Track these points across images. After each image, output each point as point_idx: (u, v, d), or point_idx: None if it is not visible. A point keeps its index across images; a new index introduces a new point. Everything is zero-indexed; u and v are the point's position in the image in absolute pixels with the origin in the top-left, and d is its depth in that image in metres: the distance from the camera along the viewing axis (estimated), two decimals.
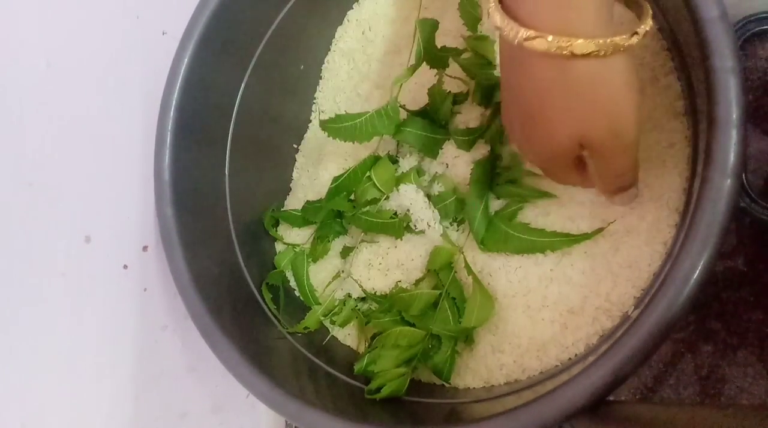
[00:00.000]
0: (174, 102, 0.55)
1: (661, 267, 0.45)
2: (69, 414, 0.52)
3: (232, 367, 0.50)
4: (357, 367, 0.55)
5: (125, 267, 0.57)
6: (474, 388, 0.52)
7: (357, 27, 0.69)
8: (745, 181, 0.57)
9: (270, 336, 0.57)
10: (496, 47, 0.58)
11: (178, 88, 0.55)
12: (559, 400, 0.38)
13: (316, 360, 0.56)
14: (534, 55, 0.38)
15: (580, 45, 0.36)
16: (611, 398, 0.38)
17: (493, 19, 0.39)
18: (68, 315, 0.52)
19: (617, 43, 0.36)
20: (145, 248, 0.59)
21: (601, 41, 0.36)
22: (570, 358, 0.48)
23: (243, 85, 0.62)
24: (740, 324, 0.63)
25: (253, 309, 0.59)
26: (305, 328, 0.60)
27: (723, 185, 0.35)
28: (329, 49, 0.71)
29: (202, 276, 0.54)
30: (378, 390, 0.53)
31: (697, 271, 0.35)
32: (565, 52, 0.36)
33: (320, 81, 0.71)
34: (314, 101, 0.71)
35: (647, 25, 0.38)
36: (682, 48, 0.43)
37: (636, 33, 0.37)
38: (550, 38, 0.36)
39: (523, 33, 0.37)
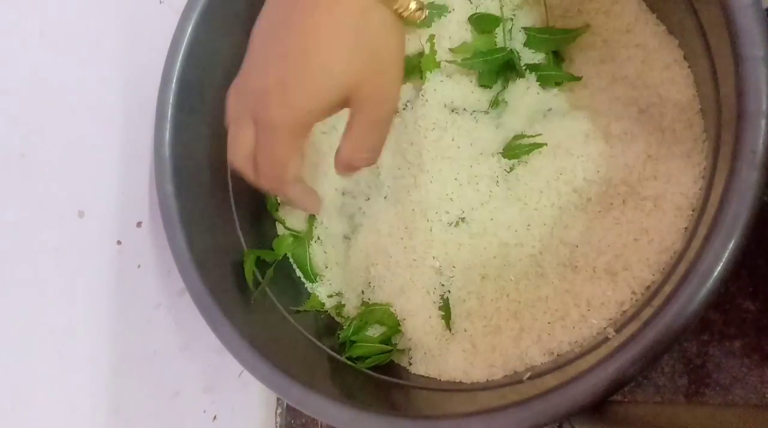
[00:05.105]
0: (175, 75, 0.54)
1: (675, 260, 0.44)
2: (59, 393, 0.51)
3: (232, 349, 0.49)
4: (342, 335, 0.57)
5: (119, 243, 0.56)
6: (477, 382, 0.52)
7: None
8: None
9: (272, 318, 0.56)
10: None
11: (180, 60, 0.54)
12: (571, 392, 0.38)
13: (318, 343, 0.55)
14: None
15: None
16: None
17: None
18: (60, 291, 0.51)
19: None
20: (139, 224, 0.57)
21: None
22: (581, 346, 0.48)
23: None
24: (738, 315, 0.63)
25: (253, 290, 0.57)
26: (311, 306, 0.60)
27: (751, 177, 0.35)
28: None
29: (202, 255, 0.53)
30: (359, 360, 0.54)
31: (721, 264, 0.35)
32: None
33: None
34: None
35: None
36: (707, 35, 0.43)
37: None
38: None
39: None
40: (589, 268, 0.50)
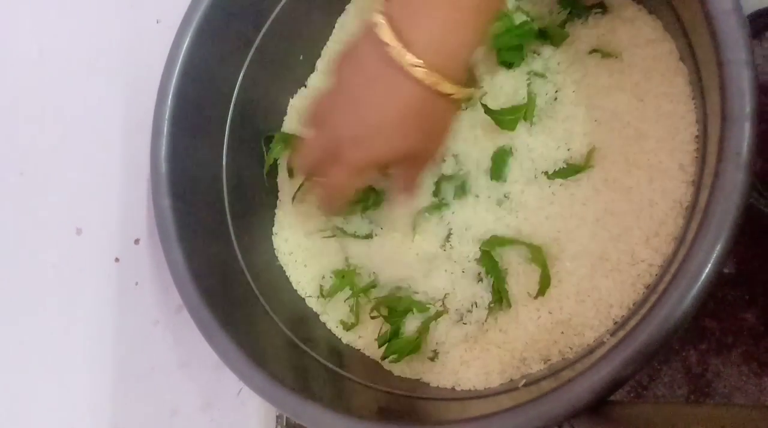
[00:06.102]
0: (172, 90, 0.55)
1: (667, 263, 0.45)
2: (57, 410, 0.51)
3: (229, 361, 0.49)
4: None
5: (117, 260, 0.56)
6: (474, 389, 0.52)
7: (358, 17, 0.68)
8: None
9: (267, 330, 0.56)
10: None
11: (175, 76, 0.55)
12: (566, 396, 0.38)
13: (313, 354, 0.55)
14: (409, 79, 0.42)
15: (446, 86, 0.43)
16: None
17: (382, 34, 0.43)
18: (58, 308, 0.51)
19: (469, 93, 0.45)
20: (136, 241, 0.58)
21: (459, 88, 0.43)
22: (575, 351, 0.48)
23: (242, 75, 0.61)
24: (735, 323, 0.63)
25: (250, 303, 0.58)
26: None
27: (736, 179, 0.35)
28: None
29: (199, 269, 0.53)
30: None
31: (709, 265, 0.35)
32: (434, 88, 0.43)
33: (314, 73, 0.70)
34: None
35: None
36: (693, 43, 0.43)
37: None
38: (428, 72, 0.42)
39: (410, 59, 0.42)
40: None
